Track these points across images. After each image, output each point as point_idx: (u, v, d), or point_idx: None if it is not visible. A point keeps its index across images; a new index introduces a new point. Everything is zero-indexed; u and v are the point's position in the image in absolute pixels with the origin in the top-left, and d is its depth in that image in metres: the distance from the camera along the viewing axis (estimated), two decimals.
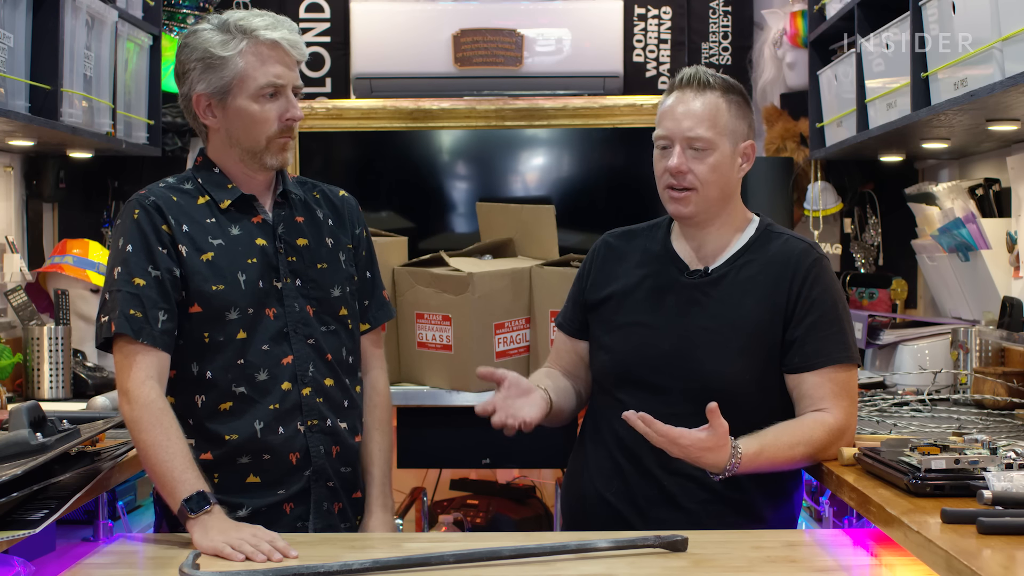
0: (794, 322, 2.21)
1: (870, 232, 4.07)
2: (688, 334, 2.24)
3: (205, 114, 2.19)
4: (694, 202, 2.23)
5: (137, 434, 2.06)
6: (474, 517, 4.10)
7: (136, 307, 2.10)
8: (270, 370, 2.18)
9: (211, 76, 2.15)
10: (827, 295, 2.22)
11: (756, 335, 2.22)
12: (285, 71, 2.17)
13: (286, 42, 2.17)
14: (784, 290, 2.22)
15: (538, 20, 4.25)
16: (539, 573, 1.86)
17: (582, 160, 4.19)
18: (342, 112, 4.04)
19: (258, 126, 2.17)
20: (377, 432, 2.36)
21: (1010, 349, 3.12)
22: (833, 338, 2.20)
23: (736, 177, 2.28)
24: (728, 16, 4.42)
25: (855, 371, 2.24)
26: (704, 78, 2.23)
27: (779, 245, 2.28)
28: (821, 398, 2.20)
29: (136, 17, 3.63)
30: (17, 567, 1.75)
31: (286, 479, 2.19)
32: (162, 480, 2.04)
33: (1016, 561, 1.57)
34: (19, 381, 3.22)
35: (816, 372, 2.20)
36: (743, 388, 2.21)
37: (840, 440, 2.20)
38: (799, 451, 2.16)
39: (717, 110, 2.22)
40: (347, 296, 2.29)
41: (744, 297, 2.24)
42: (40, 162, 3.66)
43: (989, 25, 2.40)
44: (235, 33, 2.15)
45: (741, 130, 2.26)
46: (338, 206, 2.35)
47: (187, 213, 2.18)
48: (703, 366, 2.22)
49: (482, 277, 3.29)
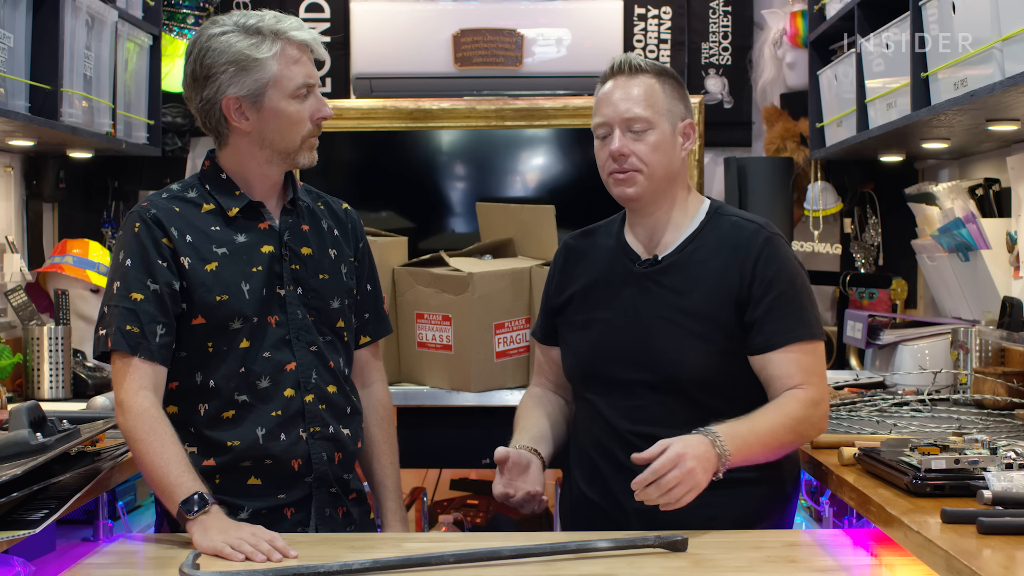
0: (751, 303, 2.18)
1: (870, 232, 4.07)
2: (644, 325, 2.23)
3: (236, 117, 2.16)
4: (638, 183, 2.22)
5: (133, 443, 2.07)
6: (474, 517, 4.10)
7: (133, 323, 2.10)
8: (272, 377, 2.17)
9: (245, 78, 2.14)
10: (783, 273, 2.19)
11: (709, 319, 2.19)
12: (314, 71, 2.22)
13: (312, 43, 2.21)
14: (736, 272, 2.19)
15: (538, 20, 4.25)
16: (539, 573, 1.86)
17: (582, 160, 4.18)
18: (342, 112, 4.04)
19: (295, 126, 2.18)
20: (387, 445, 2.39)
21: (1010, 349, 3.12)
22: (794, 315, 2.17)
23: (678, 156, 2.25)
24: (728, 16, 4.42)
25: (821, 347, 2.21)
26: (636, 63, 2.24)
27: (728, 228, 2.24)
28: (789, 376, 2.16)
29: (136, 17, 3.63)
30: (17, 567, 1.75)
31: (288, 485, 2.19)
32: (160, 485, 2.04)
33: (1016, 561, 1.58)
34: (19, 381, 3.22)
35: (781, 351, 2.16)
36: (705, 375, 2.18)
37: (817, 411, 2.15)
38: (782, 429, 2.12)
39: (652, 91, 2.22)
40: (345, 309, 2.29)
41: (695, 283, 2.21)
42: (40, 162, 3.66)
43: (989, 25, 2.40)
44: (267, 35, 2.16)
45: (678, 110, 2.24)
46: (342, 219, 2.35)
47: (190, 223, 2.18)
48: (663, 356, 2.20)
49: (482, 277, 3.29)
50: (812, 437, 2.23)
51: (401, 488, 2.39)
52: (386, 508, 2.35)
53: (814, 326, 2.20)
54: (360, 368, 2.38)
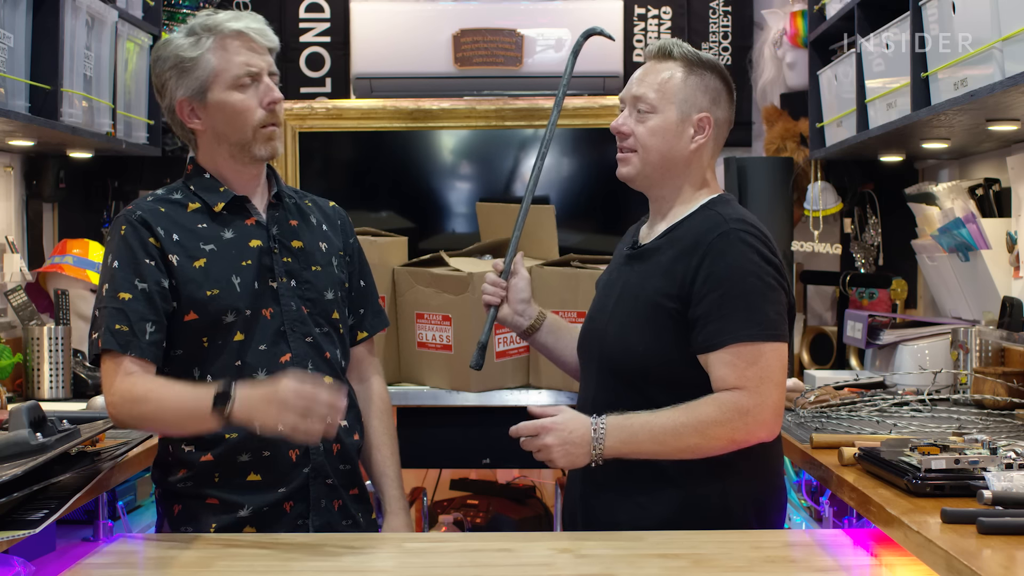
0: (694, 299, 2.10)
1: (870, 232, 4.06)
2: (607, 310, 2.25)
3: (190, 118, 2.21)
4: (633, 163, 2.23)
5: (139, 413, 2.09)
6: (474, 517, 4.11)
7: (122, 322, 2.11)
8: (269, 369, 2.18)
9: (187, 79, 2.19)
10: (732, 270, 2.08)
11: (654, 306, 2.14)
12: (256, 58, 2.20)
13: (251, 31, 2.20)
14: (682, 265, 2.13)
15: (538, 20, 4.25)
16: (539, 573, 1.86)
17: (582, 160, 4.18)
18: (342, 112, 4.04)
19: (241, 115, 2.18)
20: (387, 436, 2.40)
21: (1010, 349, 3.12)
22: (739, 316, 2.07)
23: (683, 147, 2.20)
24: (728, 16, 4.42)
25: (771, 348, 2.08)
26: (667, 49, 2.23)
27: (700, 220, 2.18)
28: (723, 379, 2.07)
29: (136, 17, 3.63)
30: (17, 567, 1.75)
31: (286, 476, 2.20)
32: (185, 419, 2.07)
33: (1016, 561, 1.58)
34: (19, 381, 3.22)
35: (719, 351, 2.07)
36: (648, 363, 2.14)
37: (744, 419, 2.05)
38: (686, 430, 2.05)
39: (671, 78, 2.21)
40: (339, 300, 2.31)
41: (654, 270, 2.19)
42: (40, 162, 3.66)
43: (989, 25, 2.40)
44: (201, 32, 2.19)
45: (697, 101, 2.21)
46: (330, 215, 2.39)
47: (177, 222, 2.20)
48: (611, 340, 2.21)
49: (482, 277, 3.28)
50: (739, 444, 2.08)
51: (402, 478, 2.39)
52: (388, 497, 2.36)
53: (763, 328, 2.08)
54: (357, 363, 2.40)
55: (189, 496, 2.20)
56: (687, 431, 2.07)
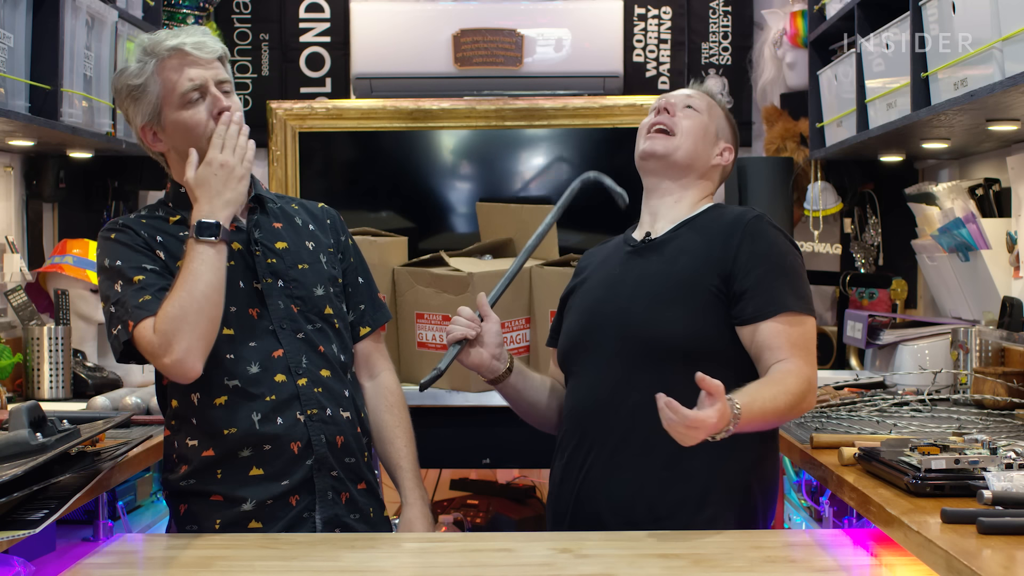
0: (739, 275, 2.18)
1: (870, 232, 4.07)
2: (626, 291, 2.27)
3: (154, 143, 2.27)
4: (664, 143, 2.32)
5: (182, 335, 2.08)
6: (474, 517, 4.10)
7: (143, 295, 2.14)
8: (262, 363, 2.21)
9: (141, 105, 2.24)
10: (773, 248, 2.21)
11: (688, 283, 2.20)
12: (199, 71, 2.22)
13: (187, 46, 2.22)
14: (720, 246, 2.21)
15: (538, 20, 4.25)
16: (539, 573, 1.86)
17: (582, 160, 4.18)
18: (342, 112, 4.04)
19: (194, 131, 2.21)
20: (400, 429, 2.41)
21: (1010, 349, 3.12)
22: (785, 287, 2.18)
23: (709, 156, 2.35)
24: (728, 16, 4.42)
25: (812, 325, 2.20)
26: (710, 89, 2.44)
27: (719, 212, 2.32)
28: (779, 347, 2.14)
29: (136, 17, 3.63)
30: (17, 567, 1.75)
31: (289, 469, 2.20)
32: (205, 281, 2.10)
33: (1016, 561, 1.58)
34: (19, 381, 3.22)
35: (771, 320, 2.15)
36: (679, 340, 2.17)
37: (811, 390, 2.13)
38: (782, 401, 2.07)
39: (714, 104, 2.41)
40: (331, 296, 2.32)
41: (680, 254, 2.25)
42: (40, 162, 3.65)
43: (989, 25, 2.40)
44: (143, 58, 2.23)
45: (724, 129, 2.39)
46: (318, 215, 2.42)
47: (160, 230, 2.25)
48: (639, 319, 2.22)
49: (482, 277, 3.29)
50: (804, 412, 2.17)
51: (419, 468, 2.39)
52: (404, 488, 2.36)
53: (806, 301, 2.20)
54: (365, 359, 2.41)
55: (193, 494, 2.22)
56: (782, 401, 2.07)
